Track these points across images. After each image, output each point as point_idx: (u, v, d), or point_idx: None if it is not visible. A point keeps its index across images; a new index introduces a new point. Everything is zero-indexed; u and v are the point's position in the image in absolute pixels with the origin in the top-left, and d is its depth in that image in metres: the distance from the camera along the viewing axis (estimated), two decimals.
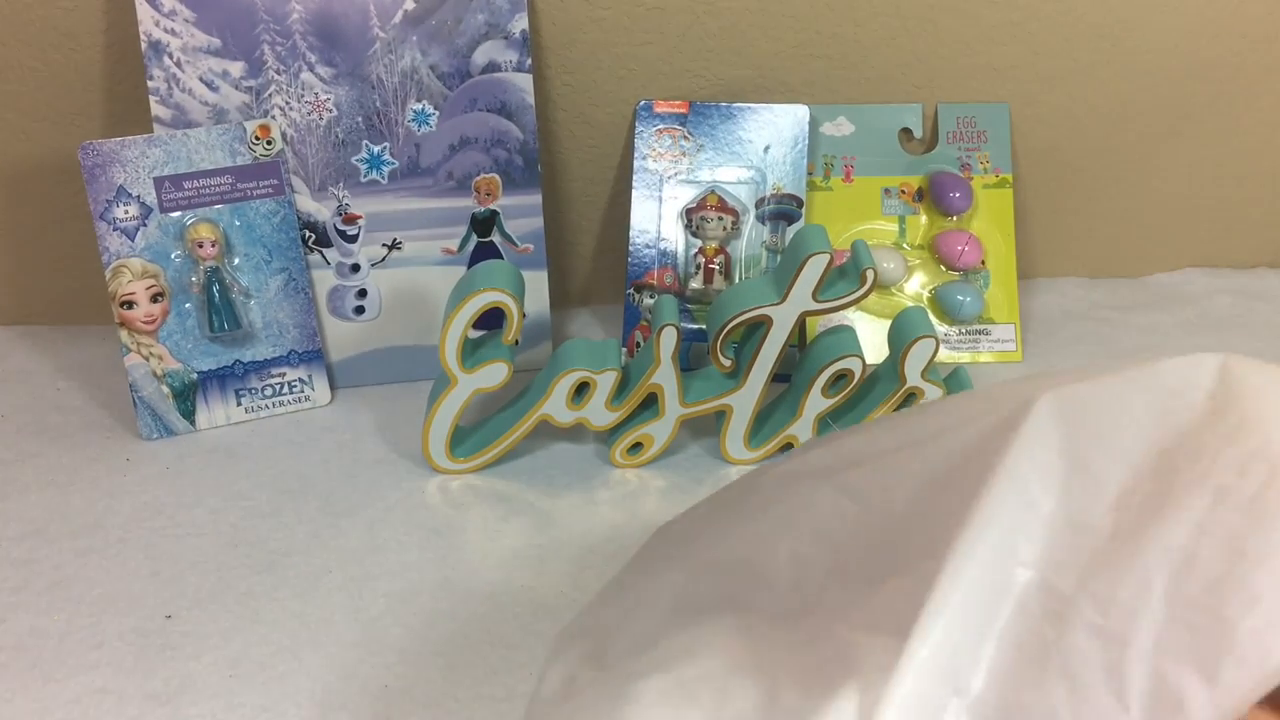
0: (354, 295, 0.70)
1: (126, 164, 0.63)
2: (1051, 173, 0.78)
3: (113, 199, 0.63)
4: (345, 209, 0.68)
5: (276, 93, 0.66)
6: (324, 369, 0.69)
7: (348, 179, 0.68)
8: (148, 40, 0.64)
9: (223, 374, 0.67)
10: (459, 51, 0.67)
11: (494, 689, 0.48)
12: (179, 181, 0.64)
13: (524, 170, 0.70)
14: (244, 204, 0.65)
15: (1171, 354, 0.30)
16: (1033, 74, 0.75)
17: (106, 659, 0.50)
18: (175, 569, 0.55)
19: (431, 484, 0.62)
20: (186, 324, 0.65)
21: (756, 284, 0.60)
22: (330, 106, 0.66)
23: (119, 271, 0.64)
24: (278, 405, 0.68)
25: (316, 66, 0.66)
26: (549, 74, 0.72)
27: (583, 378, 0.60)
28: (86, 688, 0.49)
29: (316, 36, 0.65)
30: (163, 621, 0.52)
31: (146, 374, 0.65)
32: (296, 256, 0.67)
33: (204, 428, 0.66)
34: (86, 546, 0.57)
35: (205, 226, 0.64)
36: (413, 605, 0.53)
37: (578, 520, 0.59)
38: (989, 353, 0.74)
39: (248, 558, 0.56)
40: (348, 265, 0.69)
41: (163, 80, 0.64)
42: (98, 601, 0.53)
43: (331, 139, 0.67)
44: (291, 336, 0.68)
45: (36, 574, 0.55)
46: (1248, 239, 0.83)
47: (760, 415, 0.63)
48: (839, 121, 0.75)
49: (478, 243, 0.70)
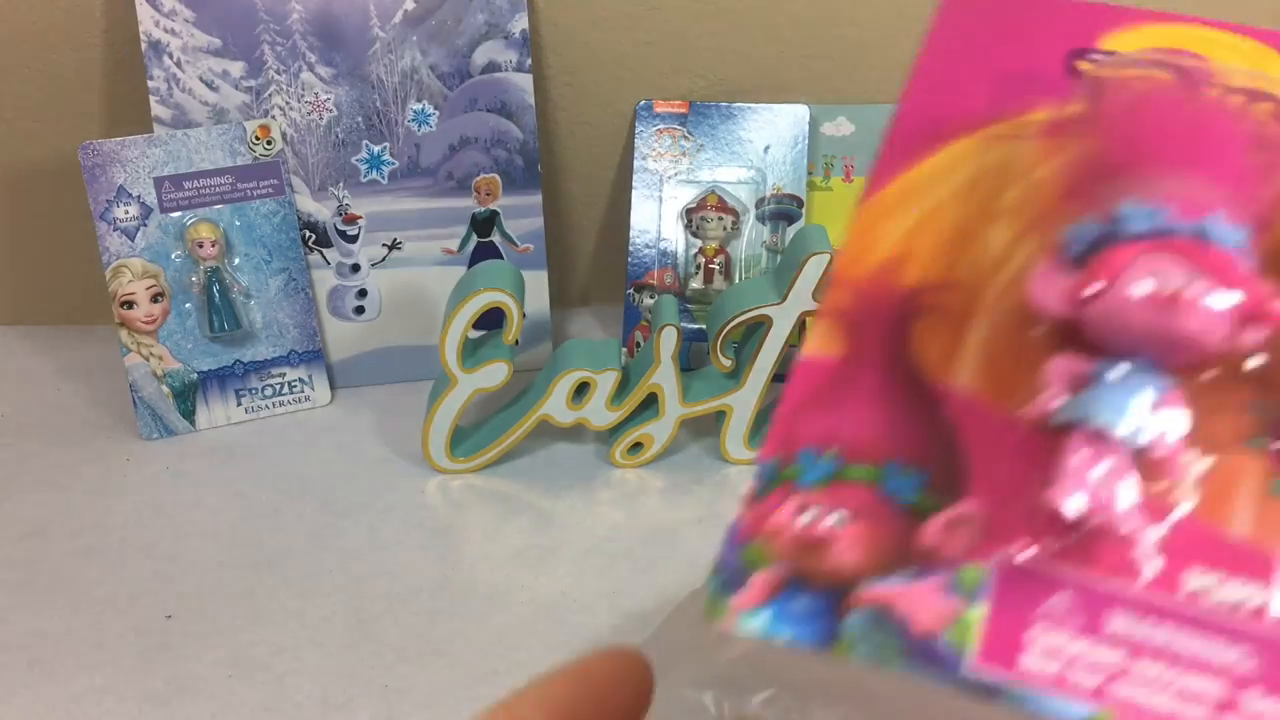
0: (354, 295, 0.70)
1: (126, 164, 0.63)
2: None
3: (113, 199, 0.63)
4: (345, 209, 0.68)
5: (276, 93, 0.66)
6: (324, 369, 0.69)
7: (348, 179, 0.68)
8: (148, 40, 0.64)
9: (223, 374, 0.67)
10: (459, 51, 0.67)
11: (494, 689, 0.48)
12: (179, 181, 0.64)
13: (524, 170, 0.70)
14: (244, 204, 0.65)
15: None
16: None
17: (106, 659, 0.50)
18: (175, 569, 0.55)
19: (431, 484, 0.62)
20: (187, 324, 0.65)
21: (757, 284, 0.60)
22: (330, 106, 0.66)
23: (119, 271, 0.64)
24: (278, 405, 0.68)
25: (316, 66, 0.66)
26: (549, 74, 0.72)
27: (583, 378, 0.60)
28: (86, 687, 0.49)
29: (316, 36, 0.65)
30: (163, 621, 0.52)
31: (146, 374, 0.65)
32: (296, 256, 0.67)
33: (204, 428, 0.66)
34: (86, 546, 0.57)
35: (205, 226, 0.64)
36: (413, 605, 0.53)
37: (578, 520, 0.59)
38: None
39: (248, 557, 0.56)
40: (348, 265, 0.69)
41: (163, 80, 0.64)
42: (98, 601, 0.53)
43: (331, 139, 0.67)
44: (291, 336, 0.68)
45: (36, 574, 0.55)
46: None
47: (760, 415, 0.63)
48: (839, 122, 0.75)
49: (478, 243, 0.70)
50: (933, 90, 0.30)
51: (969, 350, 0.25)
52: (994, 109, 0.29)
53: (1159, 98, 0.27)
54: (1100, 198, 0.24)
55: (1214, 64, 0.29)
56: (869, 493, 0.23)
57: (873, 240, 0.28)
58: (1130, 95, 0.27)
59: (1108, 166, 0.25)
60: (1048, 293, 0.23)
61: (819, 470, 0.24)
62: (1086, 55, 0.29)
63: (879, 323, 0.26)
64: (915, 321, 0.26)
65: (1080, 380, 0.22)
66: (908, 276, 0.27)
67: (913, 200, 0.28)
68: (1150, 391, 0.21)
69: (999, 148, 0.28)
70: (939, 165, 0.29)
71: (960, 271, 0.27)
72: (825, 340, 0.26)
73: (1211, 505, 0.22)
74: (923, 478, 0.23)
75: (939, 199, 0.28)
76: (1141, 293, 0.21)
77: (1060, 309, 0.22)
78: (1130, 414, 0.21)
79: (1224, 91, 0.27)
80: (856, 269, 0.28)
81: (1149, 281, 0.21)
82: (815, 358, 0.26)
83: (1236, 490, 0.22)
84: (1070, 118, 0.28)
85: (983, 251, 0.27)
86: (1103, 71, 0.29)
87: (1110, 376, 0.21)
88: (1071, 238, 0.23)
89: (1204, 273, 0.21)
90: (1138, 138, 0.25)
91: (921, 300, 0.26)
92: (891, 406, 0.25)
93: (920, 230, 0.28)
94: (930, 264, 0.27)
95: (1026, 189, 0.27)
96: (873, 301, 0.27)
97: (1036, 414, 0.22)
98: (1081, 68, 0.29)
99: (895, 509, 0.23)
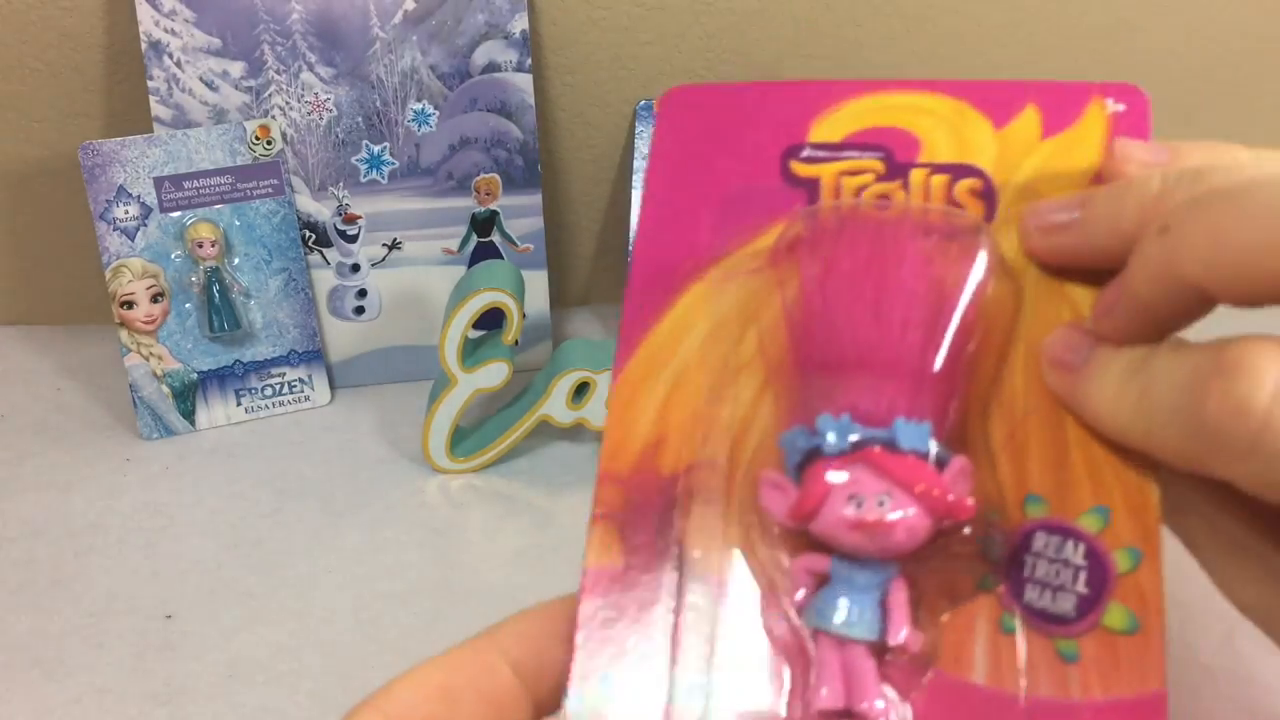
0: (354, 295, 0.70)
1: (126, 164, 0.63)
2: None
3: (113, 199, 0.63)
4: (345, 209, 0.68)
5: (276, 93, 0.66)
6: (324, 369, 0.69)
7: (348, 179, 0.68)
8: (148, 40, 0.64)
9: (223, 374, 0.67)
10: (459, 51, 0.67)
11: None
12: (179, 181, 0.64)
13: (524, 170, 0.70)
14: (244, 204, 0.65)
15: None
16: (1035, 73, 0.75)
17: (106, 659, 0.50)
18: (175, 569, 0.55)
19: (431, 484, 0.62)
20: (186, 324, 0.65)
21: None
22: (330, 106, 0.66)
23: (119, 271, 0.64)
24: (277, 405, 0.68)
25: (316, 66, 0.66)
26: (549, 74, 0.72)
27: (583, 378, 0.60)
28: (86, 687, 0.49)
29: (316, 36, 0.65)
30: (163, 621, 0.52)
31: (146, 374, 0.65)
32: (296, 256, 0.67)
33: (204, 427, 0.66)
34: (86, 546, 0.57)
35: (205, 226, 0.64)
36: (413, 605, 0.53)
37: (578, 520, 0.59)
38: None
39: (248, 557, 0.56)
40: (348, 265, 0.69)
41: (163, 80, 0.64)
42: (97, 601, 0.53)
43: (331, 139, 0.67)
44: (291, 336, 0.68)
45: (36, 574, 0.55)
46: None
47: None
48: None
49: (478, 243, 0.70)
50: (661, 226, 0.29)
51: (732, 539, 0.26)
52: (719, 241, 0.29)
53: (853, 240, 0.27)
54: (806, 397, 0.26)
55: (921, 140, 0.29)
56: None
57: (631, 424, 0.27)
58: (830, 238, 0.28)
59: (814, 343, 0.26)
60: (775, 507, 0.25)
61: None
62: (799, 153, 0.29)
63: (649, 521, 0.26)
64: (679, 513, 0.26)
65: (821, 578, 0.24)
66: (666, 463, 0.27)
67: (660, 368, 0.28)
68: (874, 592, 0.24)
69: (729, 289, 0.28)
70: (678, 320, 0.28)
71: (712, 447, 0.27)
72: (603, 551, 0.27)
73: (954, 656, 0.24)
74: None
75: (684, 362, 0.28)
76: (847, 516, 0.23)
77: (788, 523, 0.24)
78: (856, 616, 0.24)
79: (928, 177, 0.29)
80: (620, 463, 0.27)
81: (849, 507, 0.23)
82: (599, 569, 0.27)
83: (973, 636, 0.24)
84: (791, 241, 0.28)
85: (731, 416, 0.27)
86: (812, 175, 0.29)
87: (840, 576, 0.24)
88: (788, 447, 0.25)
89: (896, 485, 0.23)
90: (833, 310, 0.26)
91: (684, 487, 0.26)
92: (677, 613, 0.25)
93: (671, 404, 0.27)
94: (684, 444, 0.27)
95: (760, 333, 0.28)
96: (639, 497, 0.27)
97: (796, 613, 0.25)
98: (796, 171, 0.29)
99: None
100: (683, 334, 0.28)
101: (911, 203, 0.29)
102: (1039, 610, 0.24)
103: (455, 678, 0.25)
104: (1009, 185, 0.29)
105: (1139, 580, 0.24)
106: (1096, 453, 0.25)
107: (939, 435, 0.25)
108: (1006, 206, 0.28)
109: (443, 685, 0.25)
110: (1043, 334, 0.27)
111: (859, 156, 0.29)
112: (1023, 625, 0.24)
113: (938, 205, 0.28)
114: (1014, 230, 0.28)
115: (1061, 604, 0.24)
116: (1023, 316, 0.27)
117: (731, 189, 0.30)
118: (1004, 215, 0.28)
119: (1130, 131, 0.29)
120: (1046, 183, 0.28)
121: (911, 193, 0.29)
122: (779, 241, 0.29)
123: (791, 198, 0.29)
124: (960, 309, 0.26)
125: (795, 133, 0.30)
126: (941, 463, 0.24)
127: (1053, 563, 0.25)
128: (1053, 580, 0.24)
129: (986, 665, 0.24)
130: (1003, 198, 0.28)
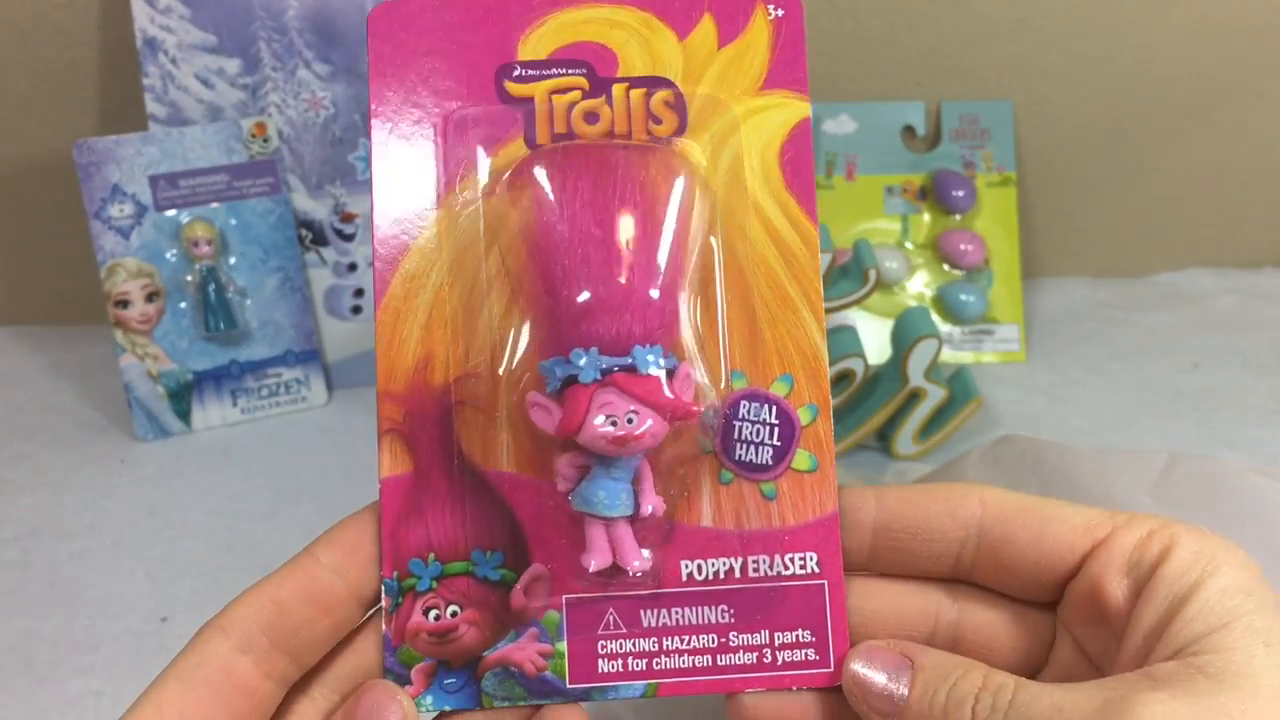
0: (351, 294, 0.69)
1: (121, 162, 0.62)
2: (1055, 171, 0.78)
3: (107, 197, 0.62)
4: (342, 207, 0.68)
5: (273, 90, 0.65)
6: (321, 369, 0.68)
7: (344, 177, 0.67)
8: (143, 37, 0.63)
9: (218, 374, 0.66)
10: None
11: None
12: (174, 180, 0.63)
13: None
14: (240, 202, 0.65)
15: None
16: (1037, 71, 0.74)
17: (102, 661, 0.50)
18: (171, 571, 0.55)
19: None
20: (182, 324, 0.65)
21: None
22: (327, 104, 0.66)
23: (114, 270, 0.63)
24: (274, 405, 0.67)
25: (313, 63, 0.65)
26: None
27: None
28: (82, 690, 0.48)
29: (313, 33, 0.65)
30: (158, 624, 0.52)
31: (142, 374, 0.64)
32: (293, 255, 0.67)
33: (199, 428, 0.66)
34: (81, 548, 0.56)
35: (201, 225, 0.64)
36: None
37: None
38: (992, 353, 0.73)
39: (244, 559, 0.56)
40: (345, 264, 0.69)
41: (158, 77, 0.64)
42: (93, 604, 0.53)
43: (328, 137, 0.66)
44: (288, 336, 0.67)
45: (31, 576, 0.55)
46: (1253, 238, 0.82)
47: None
48: (841, 119, 0.74)
49: None
50: (395, 154, 0.32)
51: (502, 439, 0.31)
52: (452, 167, 0.32)
53: (574, 184, 0.30)
54: (557, 330, 0.30)
55: (617, 54, 0.32)
56: (468, 581, 0.30)
57: (400, 347, 0.31)
58: (556, 174, 0.31)
59: (555, 281, 0.30)
60: (542, 423, 0.29)
61: (428, 575, 0.31)
62: (511, 73, 0.32)
63: (428, 430, 0.31)
64: (456, 419, 0.31)
65: (583, 470, 0.30)
66: (436, 377, 0.31)
67: (417, 294, 0.31)
68: (626, 479, 0.30)
69: (467, 214, 0.31)
70: (426, 248, 0.31)
71: (474, 358, 0.31)
72: (393, 459, 0.31)
73: (687, 508, 0.31)
74: (499, 557, 0.30)
75: (437, 286, 0.31)
76: (605, 432, 0.28)
77: (555, 435, 0.29)
78: (615, 500, 0.30)
79: (627, 91, 0.32)
80: (396, 382, 0.31)
81: (606, 425, 0.28)
82: (392, 476, 0.31)
83: (700, 490, 0.31)
84: (519, 169, 0.31)
85: (486, 331, 0.31)
86: (526, 96, 0.32)
87: (599, 472, 0.30)
88: (548, 374, 0.29)
89: (639, 402, 0.29)
90: (568, 255, 0.30)
91: (454, 397, 0.31)
92: (460, 504, 0.31)
93: (433, 324, 0.31)
94: (449, 358, 0.31)
95: (501, 252, 0.31)
96: (418, 410, 0.31)
97: (560, 496, 0.30)
98: (511, 91, 0.32)
99: (489, 588, 0.30)
100: (434, 260, 0.31)
101: (616, 129, 0.32)
102: (745, 463, 0.31)
103: (282, 590, 0.29)
104: (695, 97, 0.32)
105: (817, 430, 0.31)
106: (780, 331, 0.31)
107: (666, 346, 0.30)
108: (695, 116, 0.32)
109: (274, 598, 0.28)
110: (734, 234, 0.31)
111: (564, 74, 0.32)
112: (735, 476, 0.31)
113: (639, 135, 0.32)
114: (703, 137, 0.32)
115: (762, 455, 0.31)
116: (718, 219, 0.32)
117: (454, 111, 0.32)
118: (693, 124, 0.32)
119: (789, 36, 0.32)
120: (726, 90, 0.32)
121: (615, 108, 0.32)
122: (510, 162, 0.31)
123: (510, 118, 0.32)
124: (669, 236, 0.30)
125: (505, 49, 0.32)
126: (671, 373, 0.29)
127: (754, 424, 0.31)
128: (754, 438, 0.31)
129: (712, 511, 0.31)
130: (691, 108, 0.32)
